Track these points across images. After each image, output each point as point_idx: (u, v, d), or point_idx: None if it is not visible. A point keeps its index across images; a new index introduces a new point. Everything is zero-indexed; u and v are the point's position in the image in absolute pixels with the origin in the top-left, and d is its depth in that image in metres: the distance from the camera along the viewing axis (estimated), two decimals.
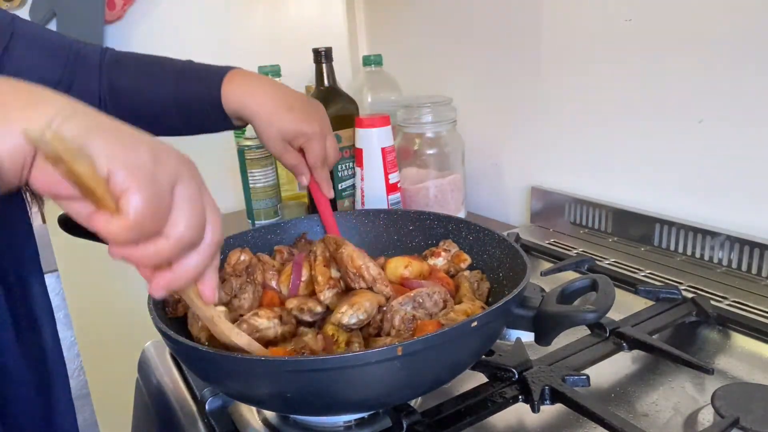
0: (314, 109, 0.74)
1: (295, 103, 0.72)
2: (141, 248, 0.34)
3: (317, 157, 0.73)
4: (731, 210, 0.78)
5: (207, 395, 0.56)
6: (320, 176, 0.75)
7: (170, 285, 0.37)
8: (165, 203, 0.33)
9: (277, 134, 0.71)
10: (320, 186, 0.76)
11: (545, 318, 0.50)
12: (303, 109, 0.72)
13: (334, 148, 0.75)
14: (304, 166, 0.75)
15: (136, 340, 0.74)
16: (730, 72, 0.74)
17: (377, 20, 1.45)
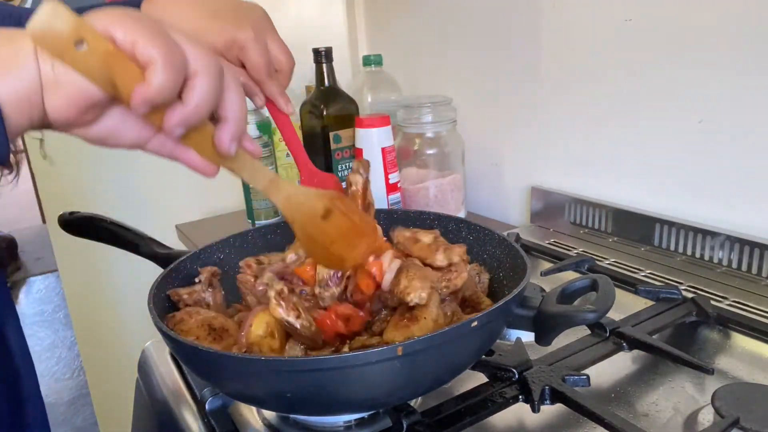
0: (245, 10, 0.63)
1: (221, 7, 0.62)
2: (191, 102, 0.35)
3: (258, 67, 0.61)
4: (731, 210, 0.78)
5: (207, 395, 0.56)
6: (271, 90, 0.63)
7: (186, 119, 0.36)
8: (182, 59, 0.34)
9: None
10: (274, 101, 0.64)
11: (545, 318, 0.50)
12: (230, 13, 0.61)
13: (280, 51, 0.64)
14: (251, 83, 0.63)
15: (136, 340, 0.74)
16: (730, 72, 0.74)
17: (377, 20, 1.45)
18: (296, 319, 0.50)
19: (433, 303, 0.52)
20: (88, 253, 0.76)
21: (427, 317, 0.50)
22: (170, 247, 0.67)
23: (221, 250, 0.68)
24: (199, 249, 0.66)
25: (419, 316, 0.51)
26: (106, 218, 0.68)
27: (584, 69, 0.93)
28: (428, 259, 0.58)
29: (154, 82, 0.33)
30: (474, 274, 0.62)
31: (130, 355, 0.75)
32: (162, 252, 0.66)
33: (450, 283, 0.57)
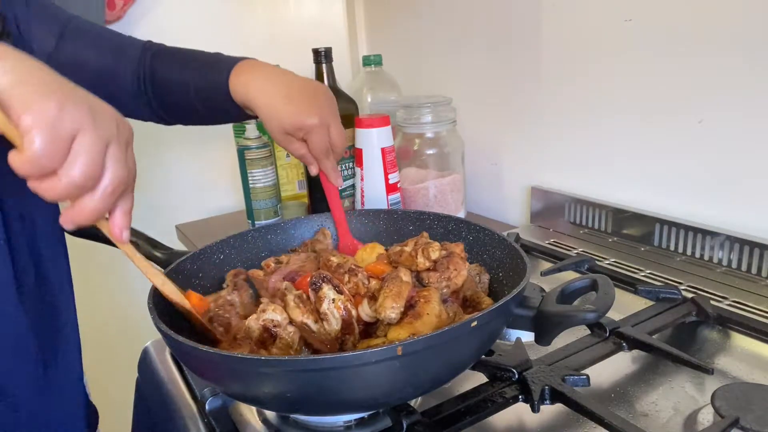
0: (315, 98, 0.72)
1: (295, 93, 0.71)
2: (42, 183, 0.39)
3: (319, 149, 0.72)
4: (731, 210, 0.78)
5: (207, 395, 0.56)
6: (326, 166, 0.74)
7: (73, 219, 0.42)
8: (60, 148, 0.38)
9: (278, 127, 0.70)
10: (327, 176, 0.76)
11: (545, 318, 0.50)
12: (302, 99, 0.71)
13: (338, 136, 0.73)
14: (310, 157, 0.74)
15: (136, 340, 0.74)
16: (730, 72, 0.74)
17: (377, 20, 1.45)
18: (314, 323, 0.51)
19: (435, 300, 0.52)
20: (88, 253, 0.76)
21: (429, 313, 0.51)
22: (170, 247, 0.67)
23: (221, 251, 0.68)
24: (199, 249, 0.66)
25: (422, 312, 0.51)
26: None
27: (584, 69, 0.93)
28: (412, 266, 0.59)
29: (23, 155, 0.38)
30: (474, 274, 0.62)
31: (130, 355, 0.75)
32: (162, 252, 0.66)
33: (450, 282, 0.57)
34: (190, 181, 1.32)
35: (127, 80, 0.74)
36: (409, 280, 0.55)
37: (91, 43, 0.71)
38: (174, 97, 0.75)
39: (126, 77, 0.74)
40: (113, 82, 0.73)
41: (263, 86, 0.70)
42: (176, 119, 0.79)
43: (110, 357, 1.04)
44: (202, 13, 1.30)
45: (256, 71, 0.72)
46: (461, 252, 0.60)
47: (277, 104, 0.69)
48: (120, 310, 1.24)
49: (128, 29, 1.21)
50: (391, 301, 0.51)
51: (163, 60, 0.75)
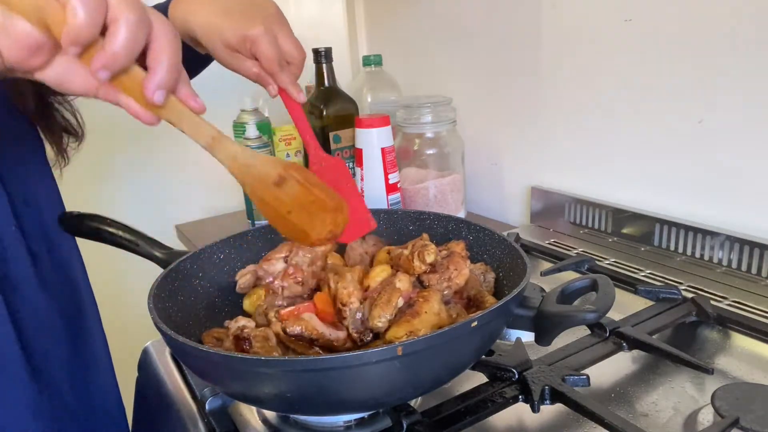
0: (257, 7, 0.66)
1: (234, 5, 0.65)
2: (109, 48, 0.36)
3: (270, 60, 0.64)
4: (731, 210, 0.78)
5: (207, 395, 0.56)
6: (283, 80, 0.66)
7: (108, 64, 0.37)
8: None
9: (220, 44, 0.64)
10: (287, 91, 0.67)
11: (545, 318, 0.50)
12: (242, 10, 0.64)
13: (290, 44, 0.66)
14: (265, 74, 0.66)
15: (136, 340, 0.74)
16: (730, 72, 0.74)
17: (377, 20, 1.45)
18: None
19: (434, 299, 0.52)
20: (88, 253, 0.76)
21: (428, 311, 0.51)
22: (170, 247, 0.67)
23: (221, 251, 0.68)
24: (199, 249, 0.66)
25: (420, 310, 0.51)
26: (106, 218, 0.68)
27: (584, 69, 0.93)
28: (410, 270, 0.58)
29: (70, 23, 0.35)
30: (479, 273, 0.61)
31: (130, 355, 0.75)
32: (162, 252, 0.66)
33: (451, 282, 0.57)
34: (190, 181, 1.32)
35: None
36: (404, 286, 0.54)
37: None
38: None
39: None
40: None
41: (199, 7, 0.65)
42: None
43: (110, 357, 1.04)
44: None
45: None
46: (462, 251, 0.60)
47: (215, 20, 0.64)
48: (120, 310, 1.24)
49: None
50: (379, 310, 0.51)
51: None
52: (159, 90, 0.39)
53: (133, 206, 1.27)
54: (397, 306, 0.52)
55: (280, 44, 0.65)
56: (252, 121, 1.10)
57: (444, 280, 0.57)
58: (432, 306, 0.51)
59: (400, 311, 0.52)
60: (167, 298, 0.57)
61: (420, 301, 0.52)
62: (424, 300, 0.52)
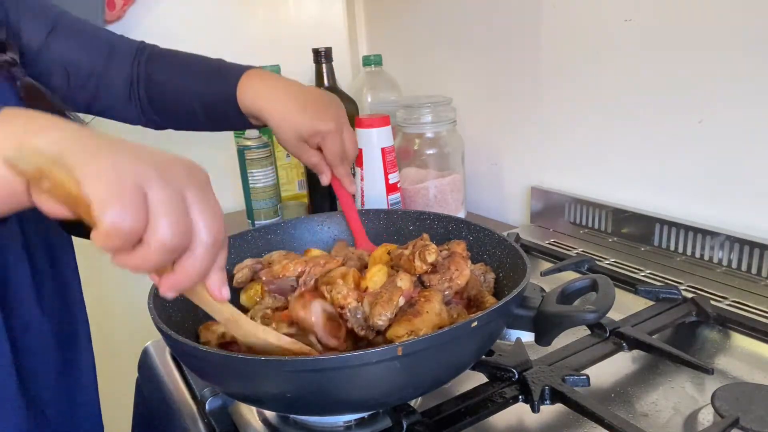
0: (328, 105, 0.73)
1: (309, 101, 0.71)
2: (131, 255, 0.34)
3: (335, 154, 0.72)
4: (731, 210, 0.78)
5: (207, 395, 0.56)
6: (340, 173, 0.74)
7: (175, 286, 0.36)
8: (134, 207, 0.32)
9: (293, 135, 0.71)
10: (342, 182, 0.75)
11: (545, 318, 0.50)
12: (316, 107, 0.71)
13: (351, 142, 0.74)
14: (324, 165, 0.74)
15: (136, 340, 0.74)
16: (730, 72, 0.74)
17: (377, 20, 1.45)
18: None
19: (436, 299, 0.52)
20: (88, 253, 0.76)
21: (429, 311, 0.51)
22: None
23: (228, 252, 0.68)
24: None
25: (421, 310, 0.51)
26: None
27: (584, 69, 0.93)
28: (412, 270, 0.58)
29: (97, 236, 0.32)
30: (479, 273, 0.61)
31: (130, 355, 0.75)
32: None
33: (452, 283, 0.56)
34: None
35: (119, 82, 0.73)
36: (406, 285, 0.54)
37: (83, 42, 0.70)
38: (172, 103, 0.74)
39: (117, 79, 0.72)
40: (103, 83, 0.72)
41: (275, 95, 0.70)
42: (170, 125, 0.78)
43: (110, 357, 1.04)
44: (202, 13, 1.30)
45: (266, 80, 0.72)
46: (463, 251, 0.60)
47: (291, 112, 0.70)
48: (120, 310, 1.24)
49: (128, 29, 1.21)
50: (380, 309, 0.51)
51: (160, 64, 0.74)
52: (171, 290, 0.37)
53: None
54: (398, 305, 0.52)
55: (343, 141, 0.73)
56: None
57: (445, 281, 0.57)
58: (433, 306, 0.51)
59: (401, 310, 0.52)
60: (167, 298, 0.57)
61: (421, 301, 0.52)
62: (426, 300, 0.52)
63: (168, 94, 0.74)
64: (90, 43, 0.71)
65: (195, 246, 0.35)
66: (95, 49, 0.71)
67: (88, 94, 0.71)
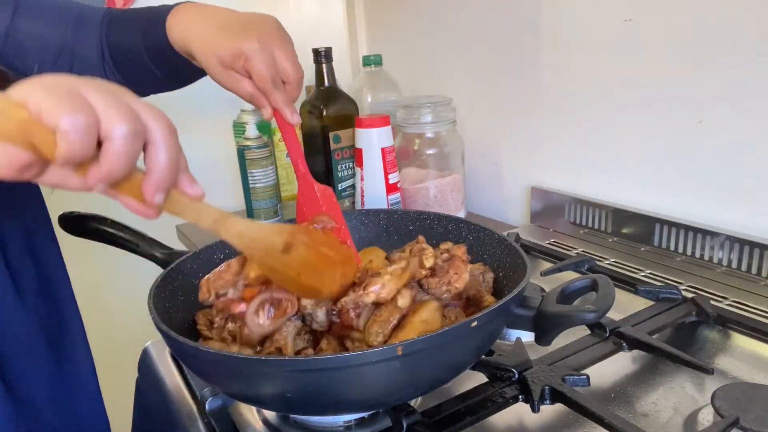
0: (255, 23, 0.63)
1: (233, 21, 0.62)
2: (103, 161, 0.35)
3: (262, 77, 0.61)
4: (731, 210, 0.78)
5: (207, 395, 0.56)
6: (276, 100, 0.62)
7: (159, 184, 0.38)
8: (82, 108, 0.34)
9: (216, 62, 0.61)
10: (279, 111, 0.63)
11: (545, 318, 0.50)
12: (239, 26, 0.62)
13: (288, 62, 0.62)
14: (260, 95, 0.62)
15: (136, 340, 0.74)
16: (730, 72, 0.74)
17: (377, 20, 1.45)
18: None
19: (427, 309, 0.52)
20: (88, 253, 0.76)
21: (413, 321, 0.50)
22: (170, 247, 0.67)
23: (221, 250, 0.68)
24: (199, 249, 0.66)
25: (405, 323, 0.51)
26: (106, 218, 0.68)
27: (584, 69, 0.93)
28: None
29: (60, 147, 0.34)
30: (478, 273, 0.61)
31: (130, 355, 0.75)
32: (162, 252, 0.66)
33: (450, 286, 0.56)
34: None
35: (90, 53, 0.67)
36: (405, 304, 0.53)
37: (49, 18, 0.65)
38: (130, 63, 0.68)
39: (88, 50, 0.67)
40: (76, 56, 0.67)
41: (199, 22, 0.62)
42: (141, 88, 0.71)
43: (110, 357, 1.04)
44: None
45: (193, 10, 0.64)
46: (463, 254, 0.59)
47: (211, 35, 0.61)
48: (120, 310, 1.24)
49: None
50: (377, 327, 0.51)
51: (117, 26, 0.68)
52: (158, 192, 0.38)
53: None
54: (394, 324, 0.52)
55: (277, 62, 0.62)
56: (252, 121, 1.10)
57: (443, 284, 0.56)
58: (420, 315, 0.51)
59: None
60: (167, 298, 0.57)
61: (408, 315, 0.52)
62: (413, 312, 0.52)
63: (125, 55, 0.67)
64: (56, 18, 0.66)
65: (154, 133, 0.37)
66: (62, 23, 0.66)
67: (64, 70, 0.66)
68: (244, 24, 0.62)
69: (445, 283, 0.56)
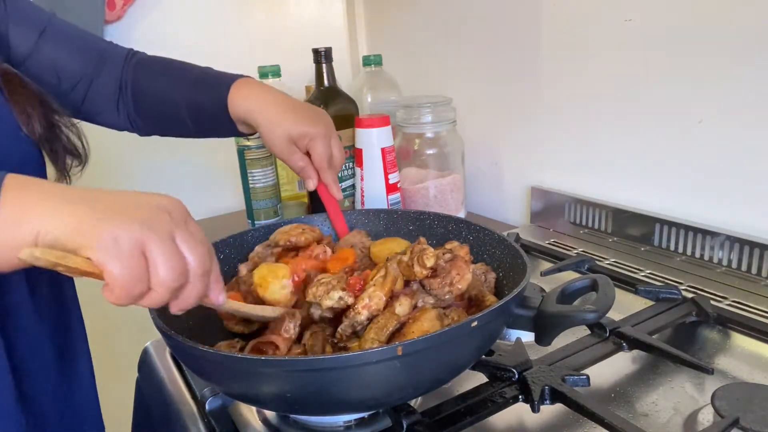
0: (318, 111, 0.76)
1: (299, 107, 0.74)
2: (144, 300, 0.41)
3: (323, 158, 0.74)
4: (731, 210, 0.78)
5: (207, 395, 0.56)
6: (327, 177, 0.75)
7: (182, 308, 0.43)
8: (137, 266, 0.39)
9: (283, 135, 0.72)
10: (328, 188, 0.76)
11: (545, 318, 0.50)
12: (306, 111, 0.74)
13: (339, 149, 0.76)
14: (311, 169, 0.75)
15: (136, 340, 0.74)
16: (730, 72, 0.74)
17: (377, 20, 1.45)
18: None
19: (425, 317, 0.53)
20: None
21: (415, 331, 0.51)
22: None
23: (221, 251, 0.68)
24: None
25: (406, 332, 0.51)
26: None
27: (584, 69, 0.93)
28: (411, 276, 0.57)
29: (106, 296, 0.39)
30: (480, 273, 0.61)
31: (130, 355, 0.75)
32: None
33: (452, 287, 0.56)
34: (190, 181, 1.32)
35: (108, 88, 0.74)
36: (404, 311, 0.53)
37: (74, 46, 0.71)
38: (160, 109, 0.75)
39: (107, 85, 0.74)
40: (93, 88, 0.73)
41: (266, 100, 0.72)
42: (156, 131, 0.79)
43: (110, 357, 1.04)
44: (201, 13, 1.30)
45: (256, 88, 0.74)
46: (466, 255, 0.59)
47: (282, 114, 0.72)
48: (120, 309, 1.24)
49: (128, 29, 1.21)
50: (374, 334, 0.51)
51: (149, 71, 0.75)
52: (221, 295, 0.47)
53: None
54: (392, 331, 0.52)
55: (332, 148, 0.75)
56: None
57: (446, 285, 0.56)
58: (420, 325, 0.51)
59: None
60: None
61: (409, 322, 0.52)
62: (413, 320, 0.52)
63: (155, 99, 0.75)
64: (81, 48, 0.72)
65: (191, 278, 0.42)
66: (86, 54, 0.72)
67: (76, 98, 0.72)
68: (311, 112, 0.75)
69: (447, 284, 0.56)
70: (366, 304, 0.52)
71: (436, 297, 0.56)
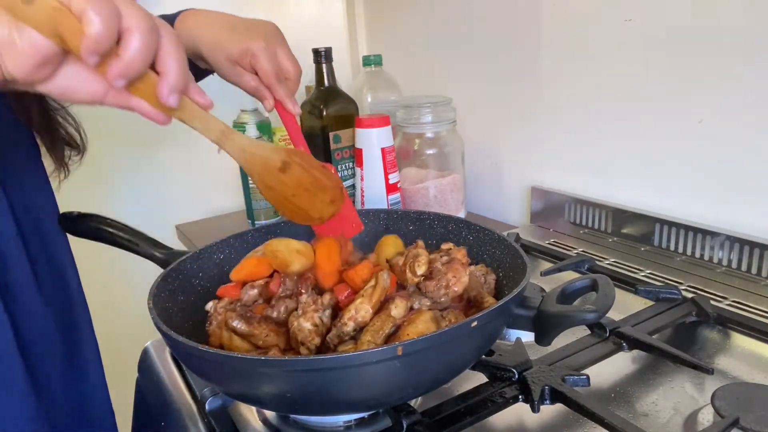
0: (256, 23, 0.72)
1: (239, 23, 0.70)
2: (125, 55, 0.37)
3: (268, 73, 0.69)
4: (731, 210, 0.78)
5: (207, 395, 0.56)
6: (279, 93, 0.71)
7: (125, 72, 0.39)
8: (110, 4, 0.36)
9: (225, 58, 0.69)
10: (282, 103, 0.71)
11: (545, 318, 0.50)
12: (246, 27, 0.70)
13: (289, 59, 0.71)
14: (263, 89, 0.71)
15: (136, 340, 0.74)
16: (730, 72, 0.74)
17: (377, 20, 1.45)
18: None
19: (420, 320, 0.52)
20: (89, 253, 0.76)
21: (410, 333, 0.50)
22: (170, 247, 0.67)
23: (221, 250, 0.68)
24: (199, 249, 0.66)
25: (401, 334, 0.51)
26: (106, 218, 0.68)
27: (584, 69, 0.93)
28: (405, 282, 0.58)
29: (89, 32, 0.36)
30: (480, 274, 0.61)
31: (130, 355, 0.75)
32: (162, 252, 0.66)
33: (448, 290, 0.56)
34: (190, 181, 1.32)
35: None
36: (399, 314, 0.53)
37: None
38: None
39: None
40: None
41: (206, 24, 0.70)
42: None
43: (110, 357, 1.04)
44: None
45: (201, 15, 0.71)
46: (463, 257, 0.59)
47: (220, 35, 0.69)
48: (120, 310, 1.24)
49: None
50: (369, 336, 0.51)
51: None
52: (172, 93, 0.41)
53: (133, 206, 1.27)
54: (387, 333, 0.52)
55: (279, 60, 0.70)
56: (252, 121, 1.10)
57: (441, 287, 0.56)
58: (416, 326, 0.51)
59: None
60: (167, 298, 0.57)
61: (404, 324, 0.52)
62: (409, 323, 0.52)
63: None
64: None
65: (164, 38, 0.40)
66: None
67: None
68: (250, 26, 0.70)
69: (443, 287, 0.56)
70: (352, 315, 0.52)
71: (432, 299, 0.56)
